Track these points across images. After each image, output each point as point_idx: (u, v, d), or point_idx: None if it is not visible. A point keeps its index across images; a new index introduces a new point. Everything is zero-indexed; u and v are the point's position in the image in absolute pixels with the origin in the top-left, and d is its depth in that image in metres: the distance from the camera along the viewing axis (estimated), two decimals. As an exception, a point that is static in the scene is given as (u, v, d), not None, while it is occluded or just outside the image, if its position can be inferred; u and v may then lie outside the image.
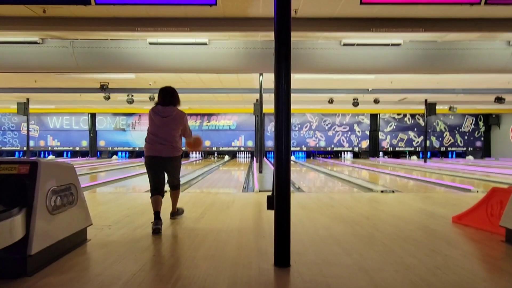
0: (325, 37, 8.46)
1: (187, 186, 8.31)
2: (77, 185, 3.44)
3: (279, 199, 2.91)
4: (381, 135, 24.55)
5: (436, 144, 24.58)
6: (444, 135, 24.60)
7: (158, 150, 4.09)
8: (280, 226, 2.91)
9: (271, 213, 2.97)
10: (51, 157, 23.89)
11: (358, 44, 8.63)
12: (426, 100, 18.29)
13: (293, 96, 3.13)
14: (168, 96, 4.21)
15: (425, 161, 19.09)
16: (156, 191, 4.20)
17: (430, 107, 18.16)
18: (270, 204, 2.99)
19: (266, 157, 23.48)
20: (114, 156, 23.96)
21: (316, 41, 8.64)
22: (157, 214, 4.08)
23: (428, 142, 23.51)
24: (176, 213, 4.67)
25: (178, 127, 4.17)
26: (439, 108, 19.38)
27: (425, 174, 11.97)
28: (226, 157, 23.39)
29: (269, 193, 3.10)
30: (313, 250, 3.36)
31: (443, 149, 24.67)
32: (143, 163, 4.87)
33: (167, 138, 4.10)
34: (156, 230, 3.93)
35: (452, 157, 24.70)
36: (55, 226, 3.07)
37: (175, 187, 4.51)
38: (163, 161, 4.13)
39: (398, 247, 3.44)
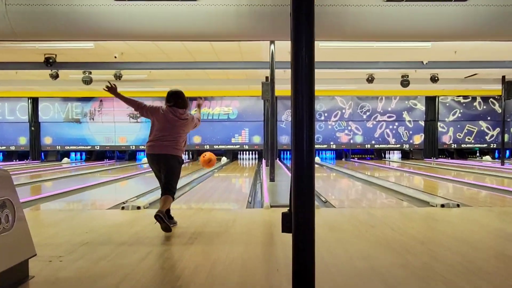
0: (362, -12, 8.42)
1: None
2: (14, 200, 3.47)
3: (299, 218, 2.93)
4: (441, 127, 24.46)
5: (518, 139, 24.48)
6: (531, 126, 24.48)
7: (159, 148, 5.45)
8: (301, 256, 2.92)
9: (288, 237, 2.98)
10: (-23, 160, 24.08)
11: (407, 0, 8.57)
12: (504, 77, 18.19)
13: (317, 72, 3.14)
14: (183, 100, 5.72)
15: (502, 163, 18.99)
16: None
17: (510, 87, 18.06)
18: (286, 225, 3.02)
19: (280, 159, 23.56)
20: (66, 159, 23.99)
21: (348, -6, 8.60)
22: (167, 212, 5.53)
23: (507, 136, 23.36)
24: (161, 213, 5.14)
25: (188, 131, 5.72)
26: (523, 87, 19.27)
27: (503, 182, 11.92)
28: (224, 159, 23.38)
29: (285, 210, 3.12)
30: (347, 289, 3.37)
31: (528, 145, 24.55)
32: (105, 168, 5.59)
33: (175, 138, 5.52)
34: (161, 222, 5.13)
35: (542, 157, 24.61)
36: (-14, 257, 3.08)
37: (168, 191, 5.49)
38: (162, 159, 5.44)
39: (466, 283, 3.45)
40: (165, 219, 5.08)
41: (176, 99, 5.69)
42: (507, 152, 24.44)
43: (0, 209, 3.28)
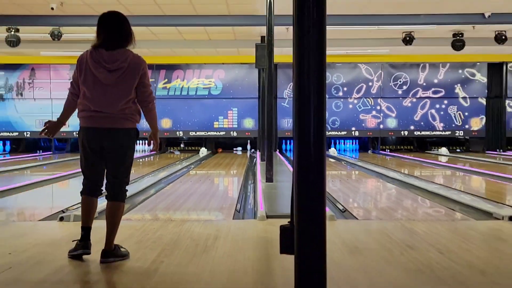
0: None
1: (127, 207, 8.32)
2: None
3: (304, 234, 2.95)
4: (510, 106, 24.43)
5: None
6: None
7: (100, 121, 4.86)
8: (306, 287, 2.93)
9: (290, 260, 2.99)
10: None
11: None
12: None
13: (334, 30, 3.14)
14: (114, 31, 4.88)
15: None
16: (90, 188, 5.10)
17: None
18: (287, 244, 3.06)
19: (281, 151, 24.04)
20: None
21: None
22: (86, 231, 4.95)
23: None
24: (112, 252, 4.95)
25: (133, 85, 4.90)
26: None
27: None
28: (203, 151, 23.48)
29: (285, 222, 3.16)
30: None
31: None
32: (38, 164, 5.31)
33: (117, 104, 4.85)
34: (79, 255, 4.91)
35: None
36: None
37: (117, 195, 5.06)
38: (106, 137, 4.88)
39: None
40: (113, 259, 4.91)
41: (108, 31, 4.90)
42: None
43: None
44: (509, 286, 4.34)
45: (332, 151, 23.68)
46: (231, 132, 24.38)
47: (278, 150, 23.17)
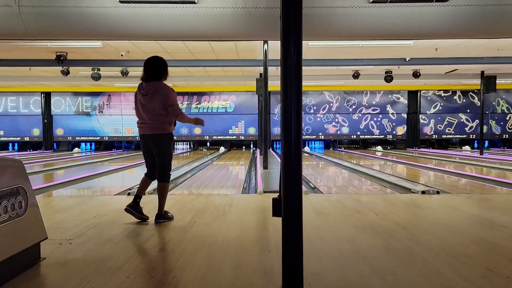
0: (349, -9, 8.36)
1: (172, 186, 8.48)
2: (27, 187, 3.46)
3: (288, 203, 2.96)
4: (422, 119, 24.50)
5: (496, 130, 24.47)
6: (508, 118, 24.46)
7: (144, 129, 5.04)
8: (290, 238, 2.94)
9: (279, 221, 3.00)
10: (-5, 150, 23.98)
11: (391, 1, 8.54)
12: (482, 72, 18.17)
13: (307, 69, 3.14)
14: (150, 69, 4.96)
15: (481, 153, 19.02)
16: (148, 173, 5.25)
17: (488, 82, 18.00)
18: (277, 210, 3.04)
19: (273, 148, 23.90)
20: (76, 149, 24.10)
21: (337, -4, 8.55)
22: (136, 197, 5.13)
23: (485, 127, 23.41)
24: (162, 216, 5.10)
25: (158, 104, 4.91)
26: (500, 82, 19.25)
27: (482, 170, 11.95)
28: (222, 149, 23.72)
29: (276, 195, 3.14)
30: (334, 269, 3.39)
31: (505, 136, 24.53)
32: (114, 157, 5.42)
33: (150, 117, 4.94)
34: (128, 208, 5.08)
35: (517, 147, 24.64)
36: None
37: (161, 178, 5.10)
38: (148, 140, 5.03)
39: (445, 265, 3.47)
40: (162, 220, 5.06)
41: (146, 70, 5.01)
42: (486, 142, 24.51)
43: (13, 196, 3.26)
44: (421, 236, 4.36)
45: (306, 149, 23.81)
46: (240, 136, 24.40)
47: (271, 148, 23.05)
